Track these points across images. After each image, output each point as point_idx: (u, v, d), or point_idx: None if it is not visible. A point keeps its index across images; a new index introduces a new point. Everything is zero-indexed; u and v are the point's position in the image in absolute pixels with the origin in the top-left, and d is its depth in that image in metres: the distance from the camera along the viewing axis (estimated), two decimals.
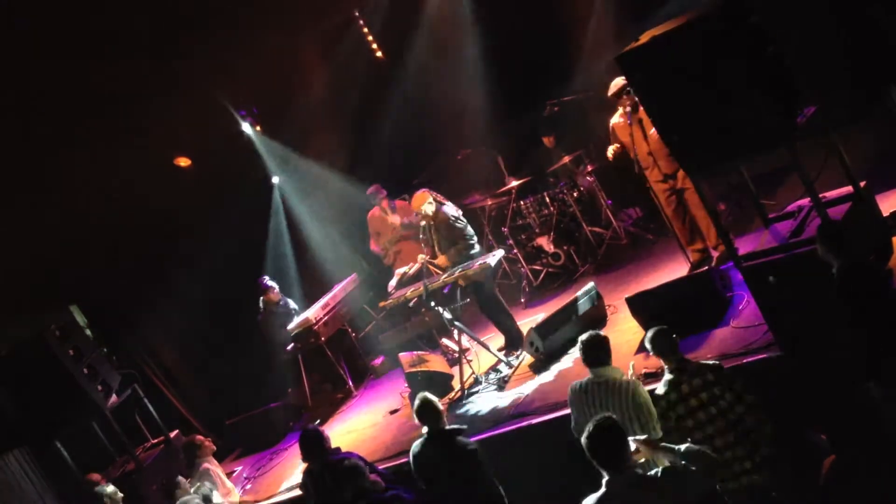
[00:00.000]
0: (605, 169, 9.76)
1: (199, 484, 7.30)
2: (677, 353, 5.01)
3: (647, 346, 5.07)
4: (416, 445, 5.75)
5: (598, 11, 9.68)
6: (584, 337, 5.17)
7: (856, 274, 4.54)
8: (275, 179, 11.81)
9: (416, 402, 5.71)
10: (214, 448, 7.95)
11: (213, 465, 7.68)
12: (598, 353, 5.12)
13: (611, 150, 7.74)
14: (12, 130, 8.05)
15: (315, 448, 6.24)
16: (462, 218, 8.25)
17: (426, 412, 5.64)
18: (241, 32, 9.19)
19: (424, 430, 5.70)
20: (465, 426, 5.88)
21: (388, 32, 10.84)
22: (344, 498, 5.72)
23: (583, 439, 3.88)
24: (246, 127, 11.22)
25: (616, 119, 7.67)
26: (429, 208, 8.07)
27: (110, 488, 7.72)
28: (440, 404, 5.76)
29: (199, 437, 7.88)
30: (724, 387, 4.86)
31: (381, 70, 11.01)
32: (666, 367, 5.04)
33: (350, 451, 6.44)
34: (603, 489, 3.81)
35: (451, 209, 8.23)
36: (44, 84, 7.91)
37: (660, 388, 4.98)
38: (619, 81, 7.48)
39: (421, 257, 8.38)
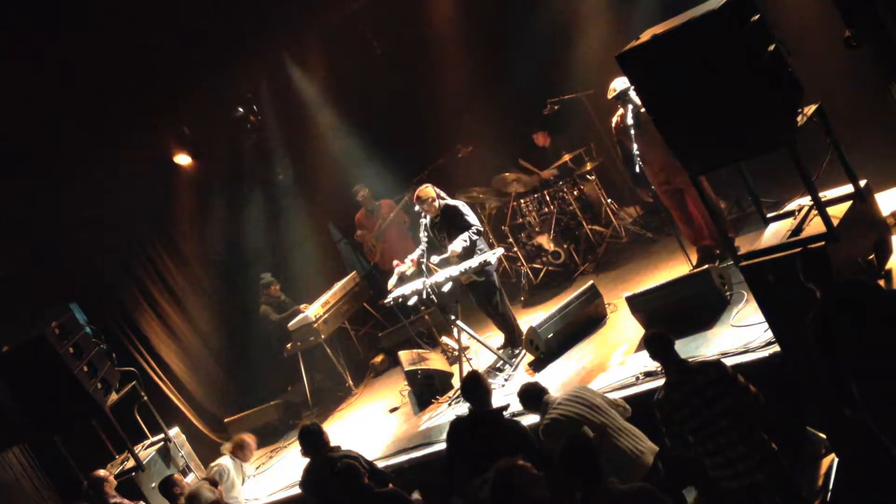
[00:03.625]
0: (605, 167, 9.76)
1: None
2: (675, 356, 5.01)
3: (646, 349, 5.10)
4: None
5: None
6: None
7: (844, 300, 4.44)
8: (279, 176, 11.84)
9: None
10: (255, 446, 7.91)
11: (235, 462, 7.64)
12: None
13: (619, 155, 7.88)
14: (11, 130, 8.06)
15: (314, 445, 6.25)
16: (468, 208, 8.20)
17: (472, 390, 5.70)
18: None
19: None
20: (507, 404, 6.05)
21: (390, 27, 10.81)
22: (343, 495, 5.72)
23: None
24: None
25: (617, 118, 7.69)
26: (435, 203, 8.02)
27: None
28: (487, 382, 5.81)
29: (245, 438, 7.78)
30: (728, 383, 4.82)
31: (380, 64, 10.99)
32: (664, 370, 5.04)
33: (349, 449, 6.44)
34: None
35: (455, 202, 8.19)
36: (42, 83, 7.90)
37: (659, 393, 4.95)
38: (615, 86, 7.51)
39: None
